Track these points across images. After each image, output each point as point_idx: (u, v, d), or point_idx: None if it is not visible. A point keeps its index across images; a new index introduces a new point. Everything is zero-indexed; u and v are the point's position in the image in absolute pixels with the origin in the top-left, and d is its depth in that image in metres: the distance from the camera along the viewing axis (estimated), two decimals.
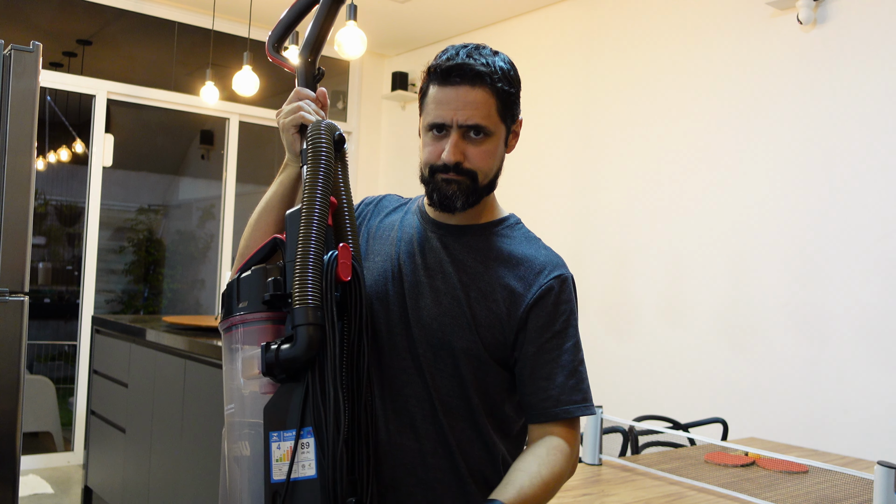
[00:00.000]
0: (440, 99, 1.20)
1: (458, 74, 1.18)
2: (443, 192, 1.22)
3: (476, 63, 1.19)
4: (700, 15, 3.78)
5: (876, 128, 3.09)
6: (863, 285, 3.07)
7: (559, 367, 1.22)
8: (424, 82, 1.24)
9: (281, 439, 1.01)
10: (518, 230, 1.33)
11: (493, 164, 1.24)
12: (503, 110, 1.22)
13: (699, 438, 2.44)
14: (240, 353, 1.06)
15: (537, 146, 4.63)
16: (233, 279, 1.11)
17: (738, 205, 3.54)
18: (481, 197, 1.26)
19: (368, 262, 1.31)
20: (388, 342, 1.25)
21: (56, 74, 4.79)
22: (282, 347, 1.02)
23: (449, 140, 1.20)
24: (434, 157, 1.22)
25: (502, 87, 1.20)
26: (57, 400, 5.12)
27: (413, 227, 1.33)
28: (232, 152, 5.39)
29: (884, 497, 1.70)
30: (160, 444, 3.06)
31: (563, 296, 1.26)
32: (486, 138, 1.21)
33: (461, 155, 1.20)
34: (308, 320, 1.01)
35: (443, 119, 1.19)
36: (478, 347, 1.22)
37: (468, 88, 1.18)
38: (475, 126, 1.19)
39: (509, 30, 4.93)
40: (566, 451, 1.21)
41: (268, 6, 4.80)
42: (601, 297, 4.15)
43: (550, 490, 1.17)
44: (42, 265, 6.51)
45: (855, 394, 3.05)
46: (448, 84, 1.19)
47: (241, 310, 1.07)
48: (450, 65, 1.19)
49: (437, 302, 1.24)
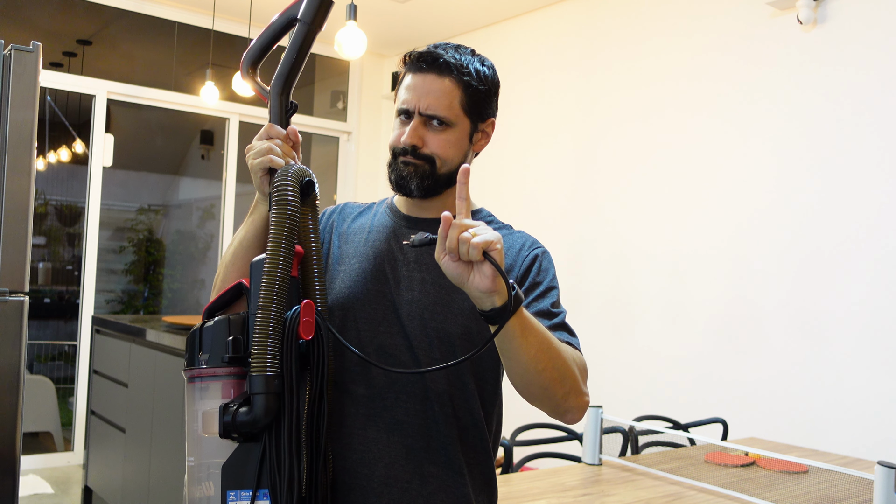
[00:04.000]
0: (409, 85, 1.26)
1: (426, 62, 1.24)
2: (399, 172, 1.26)
3: (447, 55, 1.25)
4: (700, 15, 3.78)
5: (876, 127, 3.09)
6: (863, 285, 3.07)
7: (545, 317, 1.22)
8: (402, 70, 1.29)
9: (238, 498, 1.03)
10: (493, 221, 1.36)
11: (452, 154, 1.26)
12: (469, 105, 1.26)
13: (699, 438, 2.44)
14: (200, 407, 1.06)
15: (537, 146, 4.63)
16: (196, 328, 1.10)
17: (738, 205, 3.54)
18: (440, 183, 1.27)
19: (344, 264, 1.31)
20: (374, 341, 1.25)
21: (56, 74, 4.79)
22: (239, 411, 1.02)
23: (410, 125, 1.24)
24: (396, 141, 1.27)
25: (470, 82, 1.25)
26: (57, 400, 5.12)
27: (386, 225, 1.34)
28: (232, 152, 5.39)
29: (884, 497, 1.70)
30: (160, 444, 3.06)
31: (543, 265, 1.30)
32: (446, 128, 1.25)
33: (419, 140, 1.24)
34: (264, 390, 1.01)
35: (408, 105, 1.25)
36: (471, 331, 1.23)
37: (434, 77, 1.24)
38: (436, 116, 1.23)
39: (509, 30, 4.93)
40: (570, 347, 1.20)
41: (268, 6, 4.80)
42: (601, 297, 4.15)
43: (560, 345, 1.14)
44: (42, 265, 6.52)
45: (855, 394, 3.05)
46: (417, 71, 1.25)
47: (203, 362, 1.07)
48: (421, 52, 1.26)
49: (425, 292, 1.25)
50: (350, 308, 1.27)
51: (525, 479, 2.08)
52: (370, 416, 1.23)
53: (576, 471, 2.20)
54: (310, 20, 1.19)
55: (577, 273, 4.26)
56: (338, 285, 1.29)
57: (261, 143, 1.18)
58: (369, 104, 5.93)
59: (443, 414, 1.22)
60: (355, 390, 1.24)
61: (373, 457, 1.22)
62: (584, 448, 2.30)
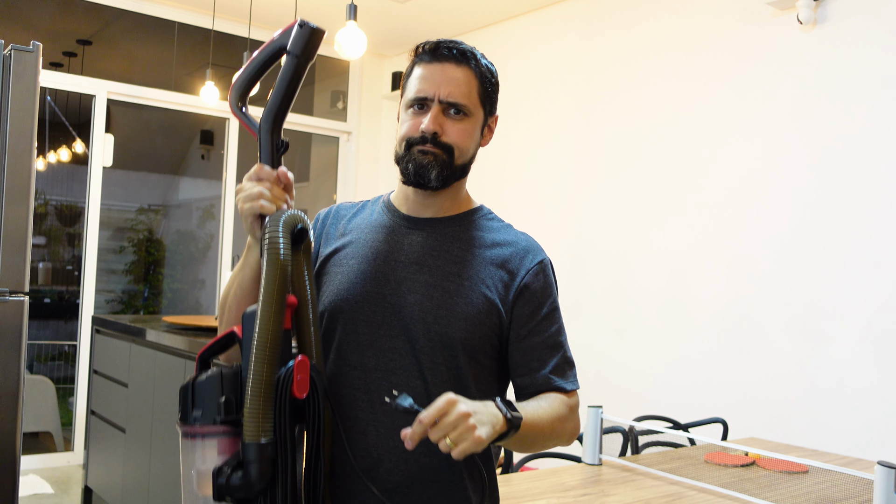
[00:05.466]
0: (425, 75, 1.24)
1: (446, 49, 1.24)
2: (418, 161, 1.23)
3: (463, 45, 1.27)
4: (700, 15, 3.78)
5: (876, 127, 3.09)
6: (863, 285, 3.07)
7: (550, 349, 1.27)
8: (410, 63, 1.28)
9: None
10: (494, 219, 1.36)
11: (469, 144, 1.26)
12: (484, 95, 1.27)
13: (699, 438, 2.44)
14: (195, 465, 1.05)
15: (537, 146, 4.63)
16: (188, 381, 1.07)
17: (737, 204, 3.54)
18: (454, 175, 1.26)
19: (342, 266, 1.29)
20: (373, 344, 1.23)
21: (56, 74, 4.79)
22: (233, 476, 1.01)
23: (430, 114, 1.23)
24: (413, 131, 1.24)
25: (485, 73, 1.27)
26: (57, 400, 5.12)
27: (384, 224, 1.32)
28: (232, 152, 5.39)
29: (884, 497, 1.70)
30: (160, 444, 3.06)
31: (548, 279, 1.30)
32: (465, 117, 1.24)
33: (440, 127, 1.23)
34: (257, 458, 1.00)
35: (425, 93, 1.23)
36: (474, 336, 1.23)
37: (454, 66, 1.24)
38: (455, 104, 1.23)
39: (509, 30, 4.93)
40: (564, 399, 1.26)
41: (268, 6, 4.80)
42: (601, 297, 4.15)
43: (553, 423, 1.22)
44: (42, 265, 6.52)
45: (855, 394, 3.05)
46: (435, 60, 1.24)
47: (196, 419, 1.04)
48: (439, 41, 1.26)
49: (429, 295, 1.23)
50: (348, 310, 1.25)
51: (525, 479, 2.08)
52: (370, 421, 1.23)
53: (576, 471, 2.20)
54: (300, 52, 1.12)
55: (577, 273, 4.26)
56: (336, 287, 1.28)
57: (251, 184, 1.12)
58: (369, 104, 5.93)
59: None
60: (356, 396, 1.23)
61: (373, 461, 1.21)
62: (584, 448, 2.30)
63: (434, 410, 1.01)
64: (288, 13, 4.84)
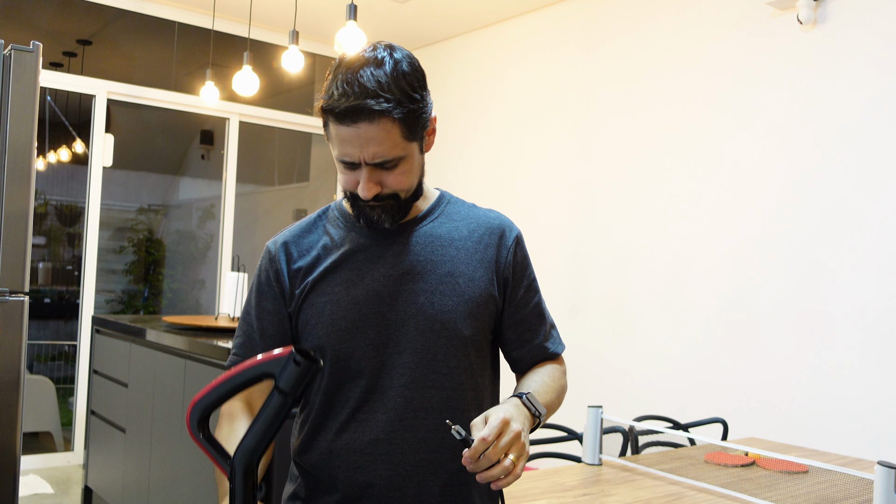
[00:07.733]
0: (342, 137, 1.15)
1: (352, 111, 1.12)
2: (368, 217, 1.22)
3: (369, 100, 1.12)
4: (700, 15, 3.78)
5: (876, 127, 3.09)
6: (863, 285, 3.07)
7: (537, 318, 1.35)
8: (324, 118, 1.18)
9: None
10: (459, 203, 1.36)
11: (412, 180, 1.23)
12: (409, 132, 1.16)
13: (699, 438, 2.44)
14: None
15: (537, 146, 4.63)
16: None
17: (737, 204, 3.54)
18: (408, 208, 1.25)
19: (326, 295, 1.24)
20: (384, 366, 1.22)
21: (56, 74, 4.79)
22: None
23: (362, 175, 1.17)
24: (351, 186, 1.20)
25: (401, 109, 1.13)
26: (57, 400, 5.12)
27: (359, 242, 1.27)
28: (232, 152, 5.39)
29: (884, 497, 1.70)
30: (160, 444, 3.06)
31: (525, 251, 1.35)
32: (398, 163, 1.18)
33: (377, 187, 1.18)
34: None
35: (350, 157, 1.16)
36: (480, 330, 1.26)
37: (367, 125, 1.12)
38: (384, 161, 1.16)
39: (509, 30, 4.93)
40: (558, 367, 1.37)
41: (268, 6, 4.80)
42: (601, 297, 4.15)
43: (560, 396, 1.30)
44: (42, 265, 6.51)
45: (855, 394, 3.05)
46: (345, 124, 1.13)
47: None
48: (346, 107, 1.12)
49: (429, 303, 1.23)
50: (350, 339, 1.22)
51: (525, 479, 2.08)
52: (394, 440, 1.23)
53: (576, 471, 2.20)
54: (289, 390, 0.94)
55: (577, 274, 4.26)
56: (328, 318, 1.22)
57: None
58: None
59: (453, 417, 1.22)
60: (376, 419, 1.22)
61: (376, 467, 1.22)
62: (584, 448, 2.29)
63: (494, 430, 1.05)
64: (288, 13, 4.84)
